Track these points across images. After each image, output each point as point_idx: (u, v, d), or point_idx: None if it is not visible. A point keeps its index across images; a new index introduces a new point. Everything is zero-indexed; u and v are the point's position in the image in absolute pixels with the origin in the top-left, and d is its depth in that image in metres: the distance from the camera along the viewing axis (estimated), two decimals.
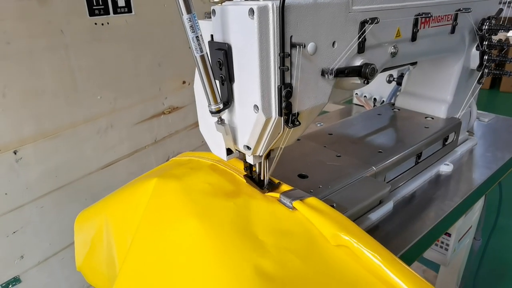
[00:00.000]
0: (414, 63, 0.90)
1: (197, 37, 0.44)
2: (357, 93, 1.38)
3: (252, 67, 0.45)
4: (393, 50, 0.62)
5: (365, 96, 1.34)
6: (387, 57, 0.62)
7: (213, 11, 0.49)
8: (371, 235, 0.50)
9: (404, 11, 0.61)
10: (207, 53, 0.46)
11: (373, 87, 1.30)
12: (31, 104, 1.03)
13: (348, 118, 0.98)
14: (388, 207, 0.69)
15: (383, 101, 1.29)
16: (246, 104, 0.49)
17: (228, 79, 0.50)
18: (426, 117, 0.90)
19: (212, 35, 0.51)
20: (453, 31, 0.74)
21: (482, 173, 0.83)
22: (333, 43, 0.51)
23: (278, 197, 0.56)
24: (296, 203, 0.53)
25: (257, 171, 0.59)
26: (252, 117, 0.49)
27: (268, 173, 0.58)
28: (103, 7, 1.13)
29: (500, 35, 0.82)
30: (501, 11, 0.81)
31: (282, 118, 0.49)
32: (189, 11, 0.42)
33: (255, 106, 0.47)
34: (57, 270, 1.20)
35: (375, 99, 1.32)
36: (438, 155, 0.85)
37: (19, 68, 0.99)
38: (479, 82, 0.89)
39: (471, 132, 1.00)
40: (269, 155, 0.57)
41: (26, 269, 1.12)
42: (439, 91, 0.89)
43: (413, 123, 0.88)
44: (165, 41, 1.34)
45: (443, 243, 0.94)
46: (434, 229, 0.67)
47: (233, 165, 0.66)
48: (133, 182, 0.69)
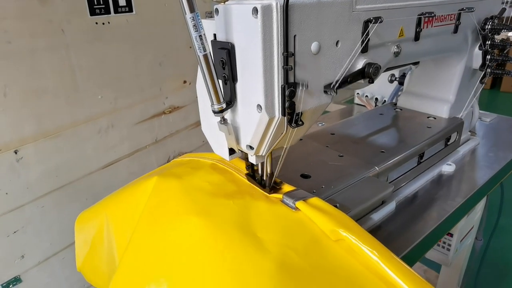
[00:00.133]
0: (416, 63, 0.90)
1: (200, 36, 0.44)
2: (358, 93, 1.38)
3: (255, 67, 0.45)
4: (396, 49, 0.61)
5: (366, 95, 1.34)
6: (390, 57, 0.62)
7: (216, 10, 0.48)
8: (374, 236, 0.50)
9: (407, 10, 0.60)
10: (210, 52, 0.46)
11: (374, 86, 1.29)
12: (31, 103, 1.03)
13: (350, 117, 0.97)
14: (390, 207, 0.69)
15: (385, 100, 1.29)
16: (249, 103, 0.49)
17: (231, 78, 0.49)
18: (428, 117, 0.90)
19: (215, 34, 0.50)
20: (456, 30, 0.73)
21: (484, 173, 0.83)
22: (337, 43, 0.51)
23: (281, 198, 0.56)
24: (299, 204, 0.53)
25: (260, 171, 0.58)
26: (255, 116, 0.48)
27: (273, 173, 0.57)
28: (104, 6, 1.13)
29: (502, 34, 0.81)
30: (504, 10, 0.80)
31: (285, 117, 0.48)
32: (192, 10, 0.42)
33: (258, 105, 0.47)
34: (58, 270, 1.20)
35: (376, 99, 1.32)
36: (440, 155, 0.85)
37: (20, 67, 0.99)
38: (481, 82, 0.89)
39: (473, 132, 1.00)
40: (271, 155, 0.57)
41: (26, 269, 1.12)
42: (441, 91, 0.89)
43: (415, 123, 0.88)
44: (166, 40, 1.34)
45: (445, 243, 0.94)
46: (436, 229, 0.66)
47: (234, 164, 0.65)
48: (134, 182, 0.69)
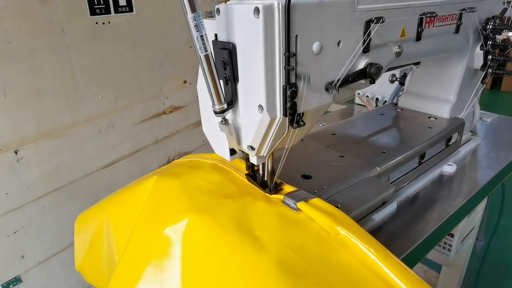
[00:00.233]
0: (417, 63, 0.90)
1: (201, 36, 0.43)
2: (359, 93, 1.38)
3: (257, 67, 0.45)
4: (397, 49, 0.61)
5: (367, 96, 1.34)
6: (392, 57, 0.61)
7: (217, 10, 0.48)
8: (374, 236, 0.49)
9: (409, 10, 0.60)
10: (211, 53, 0.45)
11: (375, 87, 1.29)
12: (32, 103, 1.03)
13: (351, 118, 0.97)
14: (391, 207, 0.68)
15: (385, 101, 1.29)
16: (250, 104, 0.49)
17: (232, 78, 0.49)
18: (429, 117, 0.90)
19: (216, 34, 0.50)
20: (457, 30, 0.73)
21: (485, 173, 0.83)
22: (338, 43, 0.51)
23: (282, 199, 0.56)
24: (300, 204, 0.53)
25: (261, 172, 0.58)
26: (256, 117, 0.48)
27: (274, 174, 0.57)
28: (104, 6, 1.13)
29: (503, 34, 0.81)
30: (505, 10, 0.80)
31: (287, 118, 0.48)
32: (193, 10, 0.42)
33: (260, 106, 0.47)
34: (58, 270, 1.20)
35: (377, 99, 1.31)
36: (441, 155, 0.85)
37: (20, 67, 0.98)
38: (482, 82, 0.89)
39: (474, 132, 1.00)
40: (273, 156, 0.56)
41: (26, 269, 1.11)
42: (442, 91, 0.89)
43: (416, 123, 0.88)
44: (166, 40, 1.34)
45: (446, 243, 0.94)
46: (437, 230, 0.66)
47: (235, 164, 0.65)
48: (133, 182, 0.69)
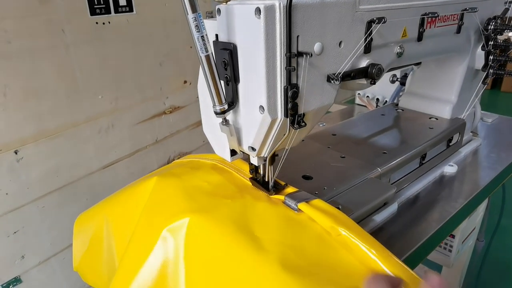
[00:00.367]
0: (418, 63, 0.90)
1: (202, 36, 0.43)
2: (359, 93, 1.38)
3: (258, 67, 0.45)
4: (399, 50, 0.61)
5: (367, 96, 1.34)
6: (393, 57, 0.61)
7: (218, 10, 0.48)
8: (375, 237, 0.49)
9: (410, 10, 0.60)
10: (212, 53, 0.45)
11: (376, 87, 1.29)
12: (32, 103, 1.02)
13: (351, 118, 0.97)
14: (392, 208, 0.68)
15: (386, 101, 1.29)
16: (251, 104, 0.48)
17: (233, 79, 0.49)
18: (430, 118, 0.89)
19: (217, 35, 0.50)
20: (459, 31, 0.73)
21: (486, 174, 0.83)
22: (340, 43, 0.50)
23: (283, 199, 0.56)
24: (301, 205, 0.53)
25: (262, 172, 0.58)
26: (257, 118, 0.48)
27: (273, 175, 0.57)
28: (104, 6, 1.13)
29: (504, 34, 0.81)
30: (506, 10, 0.80)
31: (288, 119, 0.48)
32: (194, 10, 0.42)
33: (261, 107, 0.47)
34: (58, 270, 1.20)
35: (377, 99, 1.31)
36: (442, 156, 0.85)
37: (20, 67, 0.98)
38: (483, 82, 0.89)
39: (475, 132, 0.99)
40: (273, 160, 0.56)
41: (27, 269, 1.11)
42: (443, 92, 0.89)
43: (417, 123, 0.88)
44: (166, 40, 1.34)
45: (447, 244, 0.94)
46: (439, 231, 0.66)
47: (236, 165, 0.65)
48: (133, 183, 0.69)
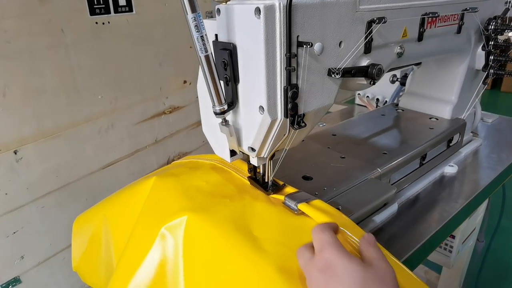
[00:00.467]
0: (418, 63, 0.90)
1: (202, 36, 0.43)
2: (359, 93, 1.37)
3: (257, 68, 0.44)
4: (399, 50, 0.61)
5: (367, 96, 1.34)
6: (394, 57, 0.61)
7: (218, 10, 0.48)
8: (376, 238, 0.49)
9: (411, 10, 0.60)
10: (211, 53, 0.45)
11: (376, 87, 1.29)
12: (31, 103, 1.02)
13: (351, 118, 0.97)
14: (393, 209, 0.68)
15: (386, 101, 1.28)
16: (251, 105, 0.48)
17: (233, 79, 0.49)
18: (430, 118, 0.89)
19: (216, 35, 0.50)
20: (459, 31, 0.73)
21: (487, 174, 0.82)
22: (340, 43, 0.50)
23: (282, 200, 0.55)
24: (301, 206, 0.52)
25: (261, 173, 0.58)
26: (257, 118, 0.48)
27: (272, 175, 0.57)
28: (104, 6, 1.12)
29: (504, 35, 0.81)
30: (507, 11, 0.80)
31: (288, 119, 0.48)
32: (194, 10, 0.42)
33: (261, 107, 0.47)
34: (58, 270, 1.19)
35: (377, 100, 1.31)
36: (442, 156, 0.84)
37: (20, 67, 0.98)
38: (484, 82, 0.88)
39: (475, 133, 0.99)
40: (273, 156, 0.56)
41: (26, 269, 1.11)
42: (443, 92, 0.88)
43: (417, 124, 0.88)
44: (166, 40, 1.34)
45: (447, 245, 0.94)
46: (439, 231, 0.66)
47: (235, 165, 0.65)
48: (132, 183, 0.69)
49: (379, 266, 0.39)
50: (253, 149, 0.52)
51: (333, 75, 0.50)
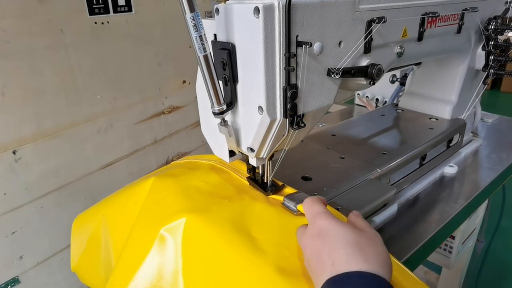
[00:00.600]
0: (418, 63, 0.89)
1: (200, 36, 0.43)
2: (359, 93, 1.37)
3: (256, 68, 0.44)
4: (399, 50, 0.61)
5: (367, 96, 1.33)
6: (393, 57, 0.61)
7: (217, 9, 0.48)
8: None
9: (411, 10, 0.59)
10: (210, 53, 0.45)
11: (375, 87, 1.29)
12: (30, 103, 1.02)
13: (351, 118, 0.96)
14: (392, 209, 0.68)
15: (385, 101, 1.28)
16: (250, 105, 0.48)
17: (231, 79, 0.49)
18: (430, 118, 0.89)
19: (215, 35, 0.49)
20: (459, 31, 0.73)
21: (487, 175, 0.82)
22: (339, 43, 0.50)
23: (281, 200, 0.55)
24: (300, 207, 0.52)
25: (260, 173, 0.58)
26: (256, 118, 0.48)
27: (271, 175, 0.57)
28: (103, 6, 1.12)
29: (504, 34, 0.80)
30: (507, 11, 0.80)
31: (287, 119, 0.47)
32: (192, 9, 0.41)
33: (260, 107, 0.46)
34: (57, 270, 1.19)
35: (377, 100, 1.31)
36: (442, 156, 0.84)
37: (19, 67, 0.98)
38: (484, 82, 0.88)
39: (475, 133, 0.99)
40: (272, 157, 0.56)
41: (25, 269, 1.11)
42: (443, 92, 0.88)
43: (417, 124, 0.87)
44: (165, 40, 1.33)
45: (447, 245, 0.93)
46: (439, 232, 0.66)
47: (234, 166, 0.65)
48: (131, 184, 0.69)
49: (368, 231, 0.42)
50: (252, 150, 0.52)
51: (332, 75, 0.49)
